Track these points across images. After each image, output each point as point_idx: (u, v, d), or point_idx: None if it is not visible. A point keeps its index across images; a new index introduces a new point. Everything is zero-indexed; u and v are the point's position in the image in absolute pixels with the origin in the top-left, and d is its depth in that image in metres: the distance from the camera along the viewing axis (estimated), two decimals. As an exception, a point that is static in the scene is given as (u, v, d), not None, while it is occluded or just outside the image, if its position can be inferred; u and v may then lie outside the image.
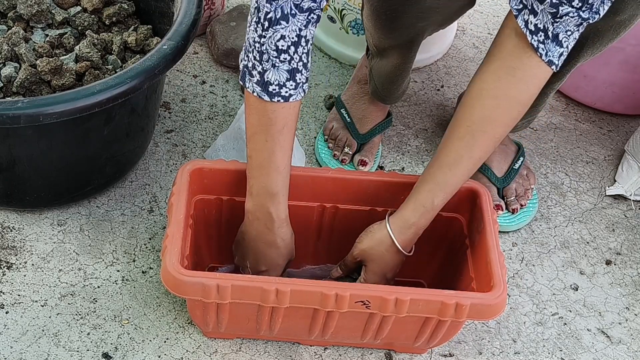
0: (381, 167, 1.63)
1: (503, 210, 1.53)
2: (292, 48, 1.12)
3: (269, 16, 1.09)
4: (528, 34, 1.11)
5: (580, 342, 1.40)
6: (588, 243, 1.55)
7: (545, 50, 1.11)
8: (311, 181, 1.30)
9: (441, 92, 1.79)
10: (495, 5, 2.01)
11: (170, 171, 1.57)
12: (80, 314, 1.35)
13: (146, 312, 1.36)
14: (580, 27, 1.10)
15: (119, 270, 1.41)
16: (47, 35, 1.51)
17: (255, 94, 1.15)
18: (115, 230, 1.46)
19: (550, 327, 1.42)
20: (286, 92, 1.15)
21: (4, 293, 1.36)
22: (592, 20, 1.08)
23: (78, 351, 1.30)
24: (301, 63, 1.14)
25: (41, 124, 1.24)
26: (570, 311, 1.44)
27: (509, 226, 1.53)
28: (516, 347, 1.39)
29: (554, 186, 1.64)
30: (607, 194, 1.63)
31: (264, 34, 1.11)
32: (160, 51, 1.32)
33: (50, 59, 1.40)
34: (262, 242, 1.25)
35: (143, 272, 1.41)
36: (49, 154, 1.37)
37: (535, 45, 1.11)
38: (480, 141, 1.18)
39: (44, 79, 1.41)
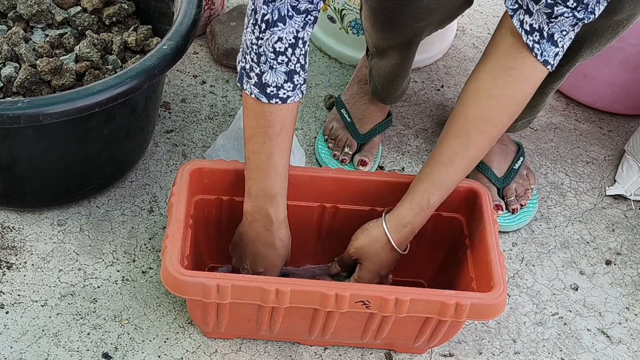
0: (381, 167, 1.63)
1: (503, 210, 1.53)
2: (290, 50, 1.12)
3: (265, 18, 1.09)
4: (523, 34, 1.11)
5: (580, 342, 1.40)
6: (588, 243, 1.55)
7: (541, 50, 1.11)
8: (311, 181, 1.30)
9: (441, 92, 1.79)
10: (495, 5, 2.01)
11: (170, 171, 1.56)
12: (80, 314, 1.35)
13: (146, 312, 1.36)
14: (576, 27, 1.10)
15: (119, 270, 1.41)
16: (47, 35, 1.51)
17: (253, 96, 1.15)
18: (115, 230, 1.46)
19: (550, 327, 1.42)
20: (284, 94, 1.14)
21: (4, 293, 1.36)
22: (587, 21, 1.08)
23: (78, 351, 1.30)
24: (299, 65, 1.14)
25: (41, 124, 1.24)
26: (570, 311, 1.44)
27: (509, 226, 1.53)
28: (516, 347, 1.39)
29: (554, 186, 1.64)
30: (607, 194, 1.63)
31: (261, 35, 1.10)
32: (160, 51, 1.32)
33: (50, 59, 1.40)
34: (261, 243, 1.25)
35: (143, 272, 1.41)
36: (49, 154, 1.37)
37: (531, 45, 1.11)
38: (476, 140, 1.18)
39: (44, 79, 1.41)
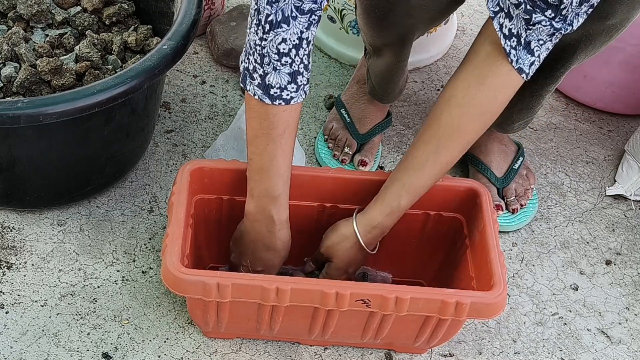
0: (381, 167, 1.63)
1: (503, 210, 1.53)
2: (294, 51, 1.11)
3: (269, 19, 1.08)
4: (502, 37, 1.11)
5: (580, 342, 1.40)
6: (588, 243, 1.55)
7: (517, 57, 1.12)
8: (311, 181, 1.30)
9: (441, 92, 1.79)
10: (495, 5, 2.01)
11: (170, 171, 1.56)
12: (80, 314, 1.35)
13: (146, 312, 1.36)
14: (554, 38, 1.10)
15: (119, 270, 1.41)
16: (47, 35, 1.51)
17: (256, 97, 1.15)
18: (115, 230, 1.46)
19: (550, 327, 1.42)
20: (287, 95, 1.14)
21: (4, 293, 1.36)
22: (565, 32, 1.09)
23: (78, 351, 1.30)
24: (302, 65, 1.13)
25: (41, 124, 1.24)
26: (570, 311, 1.44)
27: (509, 226, 1.53)
28: (516, 347, 1.38)
29: (554, 186, 1.64)
30: (607, 194, 1.63)
31: (264, 36, 1.10)
32: (160, 51, 1.32)
33: (50, 59, 1.40)
34: (262, 244, 1.25)
35: (143, 272, 1.41)
36: (49, 154, 1.37)
37: (507, 50, 1.11)
38: (447, 146, 1.19)
39: (44, 79, 1.41)
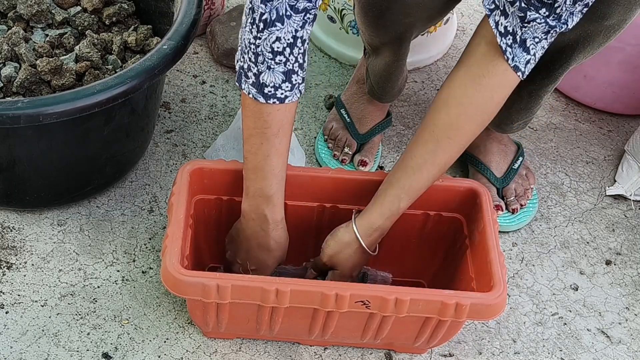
0: (381, 167, 1.63)
1: (503, 210, 1.53)
2: (288, 49, 1.11)
3: (264, 17, 1.08)
4: (498, 35, 1.11)
5: (580, 342, 1.40)
6: (588, 243, 1.55)
7: (512, 55, 1.12)
8: (311, 181, 1.30)
9: (441, 92, 1.79)
10: (495, 5, 2.00)
11: (170, 171, 1.56)
12: (80, 314, 1.35)
13: (146, 312, 1.36)
14: (549, 36, 1.10)
15: (119, 270, 1.41)
16: (47, 35, 1.51)
17: (250, 96, 1.15)
18: (115, 230, 1.46)
19: (550, 327, 1.42)
20: (282, 94, 1.14)
21: (4, 293, 1.36)
22: (560, 30, 1.09)
23: (78, 351, 1.30)
24: (297, 64, 1.13)
25: (41, 124, 1.24)
26: (570, 311, 1.44)
27: (509, 226, 1.53)
28: (516, 347, 1.39)
29: (554, 186, 1.64)
30: (607, 194, 1.63)
31: (259, 35, 1.10)
32: (160, 51, 1.32)
33: (50, 59, 1.40)
34: (255, 243, 1.25)
35: (143, 272, 1.41)
36: (49, 154, 1.37)
37: (504, 48, 1.11)
38: (444, 147, 1.19)
39: (44, 79, 1.41)
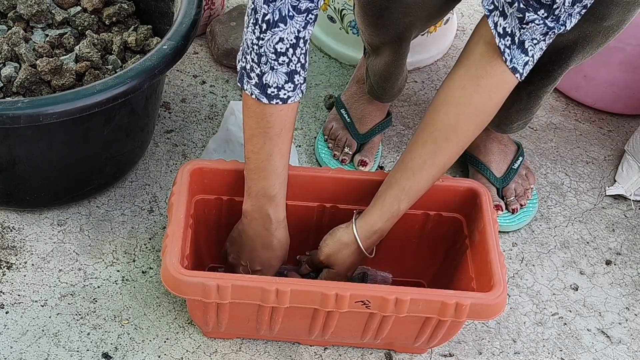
0: (381, 167, 1.63)
1: (503, 210, 1.53)
2: (291, 50, 1.11)
3: (266, 18, 1.08)
4: (497, 36, 1.11)
5: (580, 342, 1.40)
6: (588, 243, 1.55)
7: (511, 56, 1.12)
8: (311, 181, 1.30)
9: (441, 92, 1.79)
10: (495, 5, 2.00)
11: (170, 171, 1.56)
12: (80, 314, 1.35)
13: (146, 312, 1.36)
14: (547, 37, 1.10)
15: (119, 270, 1.41)
16: (47, 35, 1.51)
17: (253, 97, 1.15)
18: (115, 230, 1.46)
19: (550, 327, 1.42)
20: (284, 95, 1.14)
21: (4, 293, 1.36)
22: (559, 31, 1.09)
23: (78, 351, 1.30)
24: (299, 64, 1.14)
25: (41, 124, 1.24)
26: (570, 311, 1.44)
27: (509, 226, 1.53)
28: (516, 347, 1.39)
29: (554, 186, 1.64)
30: (607, 194, 1.63)
31: (262, 36, 1.10)
32: (160, 51, 1.32)
33: (50, 59, 1.40)
34: (259, 243, 1.25)
35: (143, 272, 1.41)
36: (49, 154, 1.37)
37: (502, 49, 1.11)
38: (444, 148, 1.19)
39: (44, 79, 1.41)
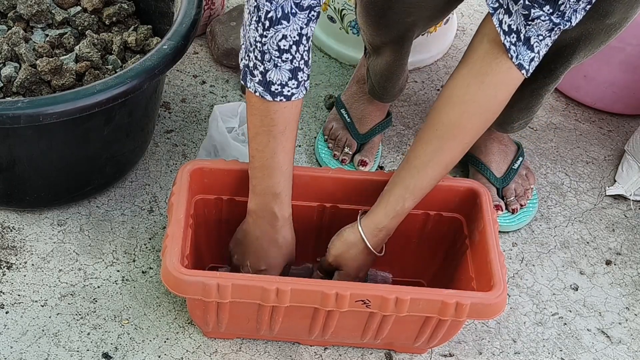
0: (381, 167, 1.63)
1: (503, 210, 1.53)
2: (294, 47, 1.11)
3: (269, 15, 1.09)
4: (502, 33, 1.11)
5: (580, 342, 1.40)
6: (588, 243, 1.55)
7: (517, 53, 1.11)
8: (311, 181, 1.30)
9: (441, 92, 1.79)
10: (495, 5, 2.01)
11: (170, 171, 1.56)
12: (80, 314, 1.35)
13: (146, 312, 1.36)
14: (552, 33, 1.10)
15: (119, 270, 1.41)
16: (47, 35, 1.51)
17: (257, 94, 1.15)
18: (115, 230, 1.46)
19: (550, 327, 1.42)
20: (288, 92, 1.14)
21: (4, 293, 1.36)
22: (564, 27, 1.09)
23: (78, 351, 1.30)
24: (303, 61, 1.14)
25: (41, 124, 1.24)
26: (570, 311, 1.44)
27: (509, 226, 1.53)
28: (516, 347, 1.39)
29: (554, 186, 1.64)
30: (607, 194, 1.63)
31: (265, 33, 1.10)
32: (160, 51, 1.32)
33: (50, 59, 1.40)
34: (265, 241, 1.25)
35: (143, 272, 1.41)
36: (49, 154, 1.37)
37: (507, 46, 1.11)
38: (449, 146, 1.18)
39: (44, 79, 1.41)
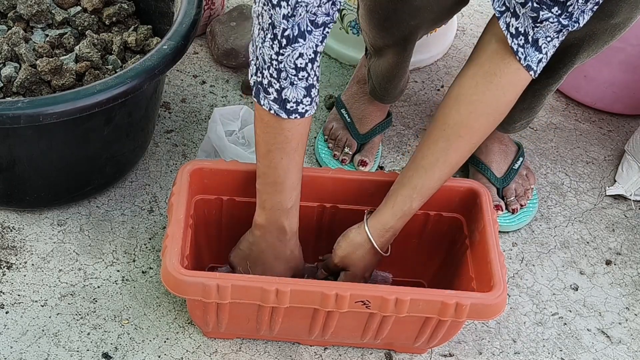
0: (381, 167, 1.63)
1: (503, 210, 1.53)
2: (310, 65, 1.10)
3: (286, 34, 1.07)
4: (509, 36, 1.11)
5: (580, 342, 1.40)
6: (588, 243, 1.55)
7: (525, 55, 1.11)
8: (311, 181, 1.30)
9: (441, 92, 1.79)
10: (495, 5, 2.01)
11: (170, 171, 1.56)
12: (80, 314, 1.35)
13: (146, 312, 1.36)
14: (560, 34, 1.10)
15: (119, 270, 1.41)
16: (47, 35, 1.51)
17: (272, 112, 1.13)
18: (115, 230, 1.46)
19: (550, 327, 1.42)
20: (303, 109, 1.13)
21: (4, 293, 1.36)
22: (572, 29, 1.09)
23: (78, 351, 1.31)
24: (315, 78, 1.13)
25: (41, 124, 1.24)
26: (570, 311, 1.44)
27: (509, 226, 1.53)
28: (516, 347, 1.39)
29: (554, 186, 1.64)
30: (607, 194, 1.63)
31: (281, 51, 1.08)
32: (160, 51, 1.32)
33: (50, 59, 1.40)
34: (272, 255, 1.25)
35: (143, 272, 1.41)
36: (49, 154, 1.37)
37: (515, 49, 1.11)
38: (456, 146, 1.18)
39: (44, 79, 1.41)
